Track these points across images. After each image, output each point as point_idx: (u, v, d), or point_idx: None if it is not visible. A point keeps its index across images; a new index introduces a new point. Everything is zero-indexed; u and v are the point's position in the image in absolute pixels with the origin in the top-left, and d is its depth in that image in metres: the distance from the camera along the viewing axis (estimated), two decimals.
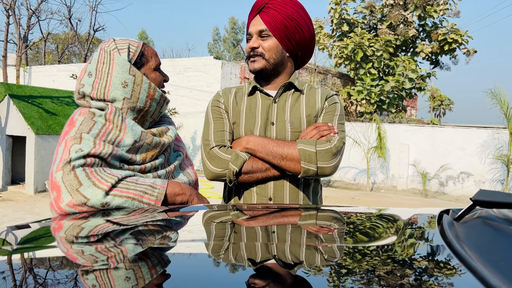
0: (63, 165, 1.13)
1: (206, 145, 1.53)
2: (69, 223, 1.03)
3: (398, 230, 0.98)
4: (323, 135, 1.48)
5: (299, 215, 1.17)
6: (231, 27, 42.16)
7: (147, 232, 0.94)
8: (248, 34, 1.57)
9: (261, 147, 1.47)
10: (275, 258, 0.73)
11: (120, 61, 1.27)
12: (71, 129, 1.22)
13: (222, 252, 0.78)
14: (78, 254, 0.77)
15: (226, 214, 1.18)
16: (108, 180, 1.13)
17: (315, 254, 0.76)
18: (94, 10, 24.23)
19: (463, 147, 11.08)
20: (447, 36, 14.85)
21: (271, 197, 1.51)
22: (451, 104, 23.14)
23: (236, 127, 1.57)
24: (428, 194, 11.24)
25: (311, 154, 1.42)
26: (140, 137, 1.27)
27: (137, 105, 1.30)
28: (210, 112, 1.60)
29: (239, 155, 1.47)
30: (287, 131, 1.53)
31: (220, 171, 1.47)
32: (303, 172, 1.44)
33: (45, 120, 8.85)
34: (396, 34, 14.96)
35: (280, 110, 1.56)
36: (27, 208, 7.35)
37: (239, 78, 14.91)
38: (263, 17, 1.53)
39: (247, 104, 1.58)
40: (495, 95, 10.32)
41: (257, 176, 1.49)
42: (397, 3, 15.13)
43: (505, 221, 0.85)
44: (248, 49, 1.55)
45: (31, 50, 27.35)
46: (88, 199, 1.10)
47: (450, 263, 0.71)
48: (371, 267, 0.69)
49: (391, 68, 14.39)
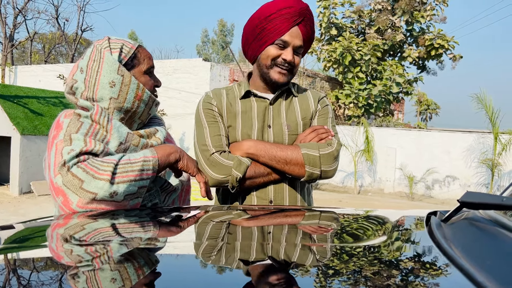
0: (59, 168, 1.12)
1: (205, 151, 1.46)
2: (57, 223, 1.02)
3: (388, 231, 0.99)
4: (321, 138, 1.48)
5: (297, 217, 1.17)
6: (220, 29, 42.16)
7: (142, 234, 0.93)
8: (282, 41, 1.46)
9: (264, 152, 1.44)
10: (264, 258, 0.73)
11: (110, 60, 1.26)
12: (59, 132, 1.21)
13: (223, 253, 0.78)
14: (65, 255, 0.76)
15: (232, 215, 1.17)
16: (106, 169, 1.11)
17: (304, 254, 0.76)
18: (82, 10, 23.97)
19: (449, 151, 11.23)
20: (433, 41, 15.07)
21: (272, 200, 1.50)
22: (438, 109, 23.45)
23: (232, 131, 1.52)
24: (415, 197, 11.35)
25: (315, 158, 1.43)
26: (126, 139, 1.26)
27: (124, 106, 1.28)
28: (202, 114, 1.52)
29: (241, 161, 1.43)
30: (284, 134, 1.52)
31: (222, 178, 1.43)
32: (307, 176, 1.44)
33: (31, 121, 8.73)
34: (384, 39, 15.13)
35: (276, 113, 1.54)
36: (11, 210, 7.23)
37: (228, 80, 14.90)
38: (302, 31, 1.48)
39: (242, 107, 1.53)
40: (481, 100, 10.48)
41: (260, 181, 1.47)
42: (385, 8, 15.31)
43: (491, 222, 0.86)
44: (281, 60, 1.47)
45: (17, 50, 26.99)
46: (95, 194, 1.09)
47: (439, 263, 0.71)
48: (360, 268, 0.69)
49: (378, 72, 14.55)
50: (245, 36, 1.55)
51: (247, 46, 1.55)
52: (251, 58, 1.57)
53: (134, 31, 40.70)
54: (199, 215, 1.17)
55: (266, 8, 1.48)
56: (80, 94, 1.28)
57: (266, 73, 1.50)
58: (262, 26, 1.46)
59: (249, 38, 1.53)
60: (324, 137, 1.49)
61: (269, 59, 1.48)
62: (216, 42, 42.22)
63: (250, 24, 1.51)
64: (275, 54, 1.47)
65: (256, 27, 1.48)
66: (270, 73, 1.50)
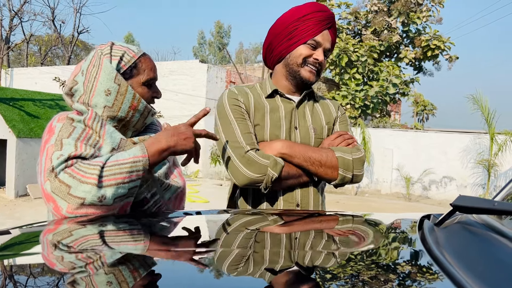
0: (47, 174, 1.11)
1: (238, 148, 1.40)
2: (57, 228, 1.02)
3: (380, 235, 0.99)
4: (348, 144, 1.50)
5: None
6: (217, 31, 42.18)
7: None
8: (315, 42, 1.48)
9: (299, 153, 1.42)
10: (266, 262, 0.73)
11: (108, 68, 1.24)
12: (51, 136, 1.20)
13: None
14: (62, 262, 0.76)
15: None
16: (92, 172, 1.10)
17: (292, 258, 0.77)
18: (78, 12, 23.95)
19: (446, 152, 11.26)
20: (430, 42, 15.12)
21: (299, 203, 1.48)
22: (434, 109, 23.53)
23: (260, 130, 1.49)
24: (412, 198, 11.38)
25: (348, 162, 1.44)
26: (119, 145, 1.24)
27: (118, 115, 1.26)
28: (229, 110, 1.47)
29: (277, 161, 1.39)
30: (311, 137, 1.52)
31: (257, 177, 1.37)
32: (339, 180, 1.45)
33: (26, 123, 8.71)
34: (380, 40, 15.17)
35: (302, 116, 1.55)
36: (7, 213, 7.21)
37: (225, 82, 14.90)
38: (332, 36, 1.53)
39: (270, 107, 1.52)
40: (477, 100, 10.51)
41: (290, 182, 1.45)
42: (381, 10, 15.35)
43: (483, 226, 0.87)
44: (313, 60, 1.49)
45: (13, 52, 26.90)
46: (83, 199, 1.08)
47: (429, 269, 0.72)
48: (350, 272, 0.69)
49: (375, 74, 14.58)
50: (272, 37, 1.56)
51: (274, 45, 1.55)
52: (276, 58, 1.57)
53: (131, 33, 40.67)
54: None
55: (300, 9, 1.52)
56: (78, 97, 1.27)
57: (297, 71, 1.51)
58: (295, 25, 1.49)
59: (277, 38, 1.53)
60: (350, 143, 1.51)
61: (300, 58, 1.49)
62: (213, 43, 42.22)
63: (281, 24, 1.53)
64: (307, 54, 1.49)
65: (288, 26, 1.50)
66: (301, 72, 1.50)
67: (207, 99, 13.94)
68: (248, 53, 43.21)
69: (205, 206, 8.56)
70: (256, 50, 42.87)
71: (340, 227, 1.11)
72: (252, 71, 18.90)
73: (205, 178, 13.89)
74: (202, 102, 13.88)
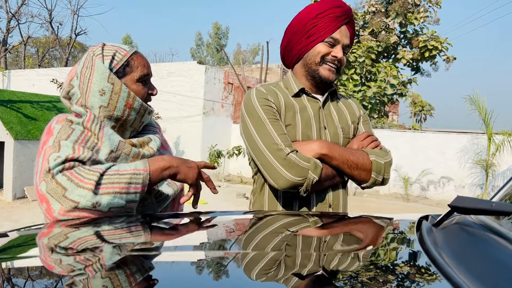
0: (44, 175, 1.11)
1: (278, 150, 1.35)
2: (58, 230, 1.02)
3: (378, 236, 0.99)
4: (376, 145, 1.51)
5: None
6: (215, 32, 42.18)
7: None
8: (333, 39, 1.46)
9: (338, 154, 1.40)
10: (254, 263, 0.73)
11: (100, 68, 1.24)
12: (49, 138, 1.20)
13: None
14: (60, 264, 0.76)
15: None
16: (90, 178, 1.09)
17: (289, 260, 0.77)
18: (76, 14, 23.92)
19: (444, 152, 11.29)
20: (427, 43, 15.14)
21: (331, 204, 1.48)
22: (432, 110, 23.56)
23: (292, 130, 1.46)
24: (410, 199, 11.39)
25: (381, 166, 1.44)
26: (118, 147, 1.24)
27: (114, 114, 1.26)
28: (261, 111, 1.42)
29: (317, 163, 1.36)
30: (340, 136, 1.52)
31: (299, 180, 1.34)
32: (370, 182, 1.45)
33: (24, 125, 8.69)
34: (378, 41, 15.20)
35: (328, 115, 1.54)
36: (5, 215, 7.19)
37: (223, 83, 14.90)
38: (350, 31, 1.51)
39: (299, 106, 1.50)
40: (474, 101, 10.54)
41: (327, 184, 1.44)
42: (379, 10, 15.38)
43: (481, 227, 0.87)
44: (331, 57, 1.47)
45: (11, 54, 26.85)
46: (77, 202, 1.07)
47: (427, 270, 0.72)
48: (348, 273, 0.70)
49: (373, 74, 14.60)
50: (290, 35, 1.54)
51: (292, 44, 1.54)
52: (295, 57, 1.55)
53: (130, 35, 40.65)
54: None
55: (316, 6, 1.50)
56: (75, 100, 1.28)
57: (315, 70, 1.49)
58: (313, 23, 1.47)
59: (296, 36, 1.51)
60: (378, 144, 1.52)
61: (319, 56, 1.47)
62: (211, 45, 42.22)
63: (298, 22, 1.51)
64: (326, 51, 1.47)
65: (306, 24, 1.48)
66: (320, 70, 1.49)
67: (205, 100, 13.94)
68: (246, 54, 43.23)
69: (203, 207, 8.55)
70: (254, 51, 42.89)
71: (337, 228, 1.11)
72: (250, 72, 18.91)
73: None
74: (200, 103, 13.87)
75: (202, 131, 13.89)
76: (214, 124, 14.39)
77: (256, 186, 1.56)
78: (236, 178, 14.69)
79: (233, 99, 15.56)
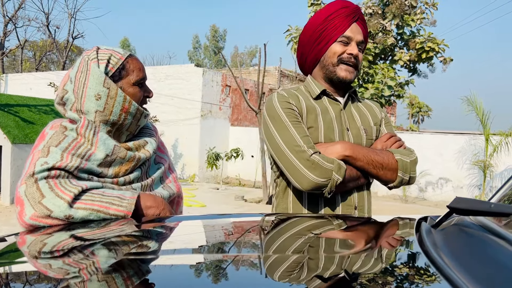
0: (26, 178, 1.10)
1: (301, 152, 1.35)
2: (51, 236, 1.01)
3: (378, 238, 0.99)
4: (400, 145, 1.51)
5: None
6: (212, 35, 42.23)
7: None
8: (346, 37, 1.47)
9: (362, 155, 1.40)
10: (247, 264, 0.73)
11: (96, 72, 1.23)
12: (40, 142, 1.20)
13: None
14: (58, 269, 0.76)
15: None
16: (70, 190, 1.09)
17: (286, 262, 0.77)
18: (73, 17, 23.92)
19: (441, 153, 11.31)
20: (424, 44, 15.18)
21: (356, 206, 1.47)
22: (429, 111, 23.63)
23: (314, 132, 1.45)
24: (408, 200, 11.41)
25: (407, 164, 1.44)
26: (113, 151, 1.23)
27: (110, 119, 1.25)
28: (283, 114, 1.42)
29: (340, 164, 1.35)
30: (363, 138, 1.51)
31: (323, 181, 1.33)
32: (397, 182, 1.44)
33: (22, 129, 8.67)
34: (375, 43, 15.23)
35: (350, 116, 1.54)
36: (3, 219, 7.16)
37: (220, 86, 14.91)
38: (361, 27, 1.51)
39: (320, 109, 1.49)
40: (471, 102, 10.58)
41: (351, 185, 1.43)
42: (376, 12, 15.43)
43: (480, 228, 0.87)
44: (347, 55, 1.47)
45: (8, 58, 26.82)
46: (51, 211, 1.07)
47: (427, 271, 0.72)
48: (347, 275, 0.69)
49: (370, 76, 14.62)
50: (303, 44, 1.56)
51: (306, 53, 1.55)
52: (312, 63, 1.56)
53: (127, 38, 40.66)
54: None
55: (324, 11, 1.51)
56: (70, 106, 1.27)
57: (333, 71, 1.49)
58: (323, 26, 1.48)
59: (308, 44, 1.53)
60: (401, 144, 1.52)
61: (335, 56, 1.48)
62: (208, 47, 42.27)
63: (308, 30, 1.53)
64: (341, 51, 1.47)
65: (316, 30, 1.50)
66: (337, 71, 1.49)
67: (203, 103, 13.94)
68: (243, 56, 43.29)
69: (201, 210, 8.55)
70: (251, 53, 42.95)
71: (336, 229, 1.11)
72: (248, 75, 18.93)
73: (201, 182, 13.87)
74: (197, 106, 13.88)
75: (200, 133, 13.89)
76: (212, 126, 14.39)
77: (279, 189, 1.55)
78: (234, 181, 14.68)
79: (231, 101, 15.56)
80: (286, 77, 19.48)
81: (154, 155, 1.42)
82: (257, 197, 10.49)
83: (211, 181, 14.24)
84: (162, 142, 1.52)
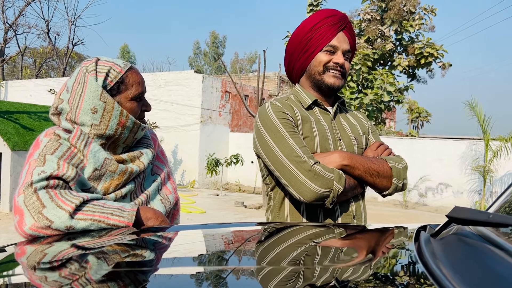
0: (24, 188, 1.09)
1: (301, 162, 1.32)
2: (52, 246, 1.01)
3: (377, 247, 0.99)
4: (389, 153, 1.52)
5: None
6: (212, 41, 42.37)
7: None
8: (331, 46, 1.47)
9: (360, 164, 1.39)
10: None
11: (93, 85, 1.21)
12: (35, 151, 1.19)
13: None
14: (58, 280, 0.76)
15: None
16: (72, 201, 1.08)
17: (279, 273, 0.77)
18: (73, 24, 24.00)
19: (441, 159, 11.31)
20: (423, 50, 15.23)
21: (354, 215, 1.47)
22: (429, 116, 23.65)
23: (310, 142, 1.44)
24: (408, 206, 11.38)
25: (400, 171, 1.45)
26: (102, 165, 1.21)
27: (106, 132, 1.23)
28: (279, 124, 1.40)
29: (340, 174, 1.34)
30: (354, 147, 1.52)
31: (325, 192, 1.31)
32: (392, 189, 1.45)
33: (21, 136, 8.67)
34: (374, 48, 15.28)
35: (340, 127, 1.55)
36: (2, 227, 7.14)
37: (220, 92, 14.93)
38: (348, 36, 1.51)
39: (314, 119, 1.50)
40: (473, 107, 10.59)
41: (350, 194, 1.42)
42: (375, 18, 15.49)
43: (479, 238, 0.87)
44: (333, 64, 1.48)
45: (8, 65, 26.88)
46: (52, 222, 1.05)
47: (425, 283, 0.72)
48: (345, 285, 0.69)
49: (369, 82, 14.65)
50: (290, 52, 1.56)
51: (293, 61, 1.55)
52: (299, 71, 1.56)
53: (127, 44, 40.78)
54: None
55: (310, 20, 1.51)
56: (65, 115, 1.25)
57: (320, 79, 1.50)
58: (309, 36, 1.48)
59: (295, 52, 1.53)
60: (390, 152, 1.53)
61: (321, 65, 1.48)
62: (208, 53, 42.39)
63: (295, 39, 1.53)
64: (326, 60, 1.48)
65: (302, 39, 1.50)
66: (324, 79, 1.49)
67: (203, 109, 13.96)
68: (243, 62, 43.41)
69: (201, 216, 8.53)
70: (251, 59, 43.07)
71: (335, 238, 1.11)
72: (247, 81, 18.97)
73: (201, 188, 13.85)
74: (197, 112, 13.89)
75: (199, 140, 13.89)
76: (211, 132, 14.40)
77: (274, 202, 1.51)
78: (234, 187, 14.66)
79: (231, 107, 15.58)
80: (286, 83, 19.51)
81: (151, 166, 1.39)
82: (257, 203, 10.47)
83: (211, 187, 14.22)
84: (162, 151, 1.50)
